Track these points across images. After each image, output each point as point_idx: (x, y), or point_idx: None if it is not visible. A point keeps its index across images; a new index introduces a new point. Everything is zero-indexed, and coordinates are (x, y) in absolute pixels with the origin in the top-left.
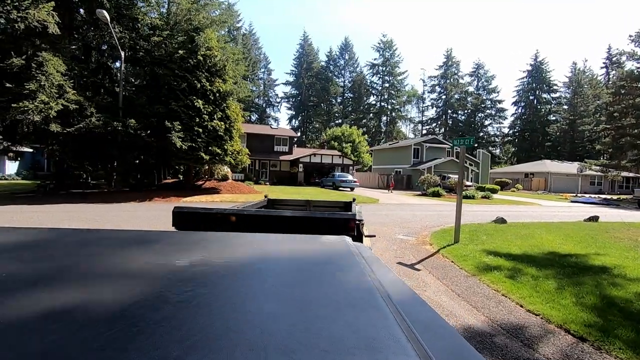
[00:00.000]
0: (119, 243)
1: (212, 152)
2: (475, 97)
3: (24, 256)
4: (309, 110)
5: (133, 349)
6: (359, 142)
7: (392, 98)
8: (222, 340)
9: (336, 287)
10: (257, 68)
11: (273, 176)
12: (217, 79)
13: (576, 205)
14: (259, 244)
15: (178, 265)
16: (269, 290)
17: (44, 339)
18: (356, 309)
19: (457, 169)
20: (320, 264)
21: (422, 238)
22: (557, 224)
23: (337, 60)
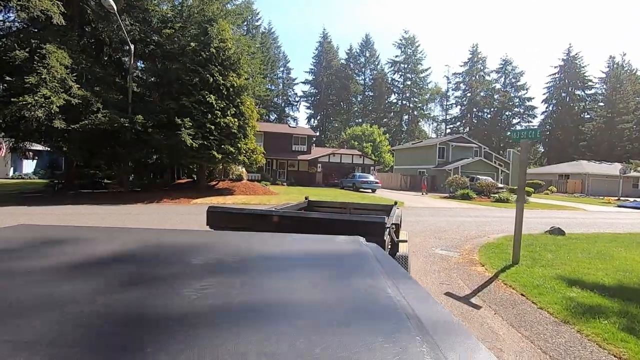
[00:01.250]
0: (133, 241)
1: (224, 150)
2: (502, 95)
3: (51, 253)
4: (328, 110)
5: (150, 346)
6: (379, 142)
7: (414, 96)
8: (237, 339)
9: (346, 288)
10: (276, 67)
11: (291, 176)
12: (230, 73)
13: (626, 210)
14: (273, 244)
15: (195, 263)
16: (280, 291)
17: (63, 335)
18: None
19: (486, 169)
20: (331, 264)
21: (467, 254)
22: (628, 236)
23: (357, 58)
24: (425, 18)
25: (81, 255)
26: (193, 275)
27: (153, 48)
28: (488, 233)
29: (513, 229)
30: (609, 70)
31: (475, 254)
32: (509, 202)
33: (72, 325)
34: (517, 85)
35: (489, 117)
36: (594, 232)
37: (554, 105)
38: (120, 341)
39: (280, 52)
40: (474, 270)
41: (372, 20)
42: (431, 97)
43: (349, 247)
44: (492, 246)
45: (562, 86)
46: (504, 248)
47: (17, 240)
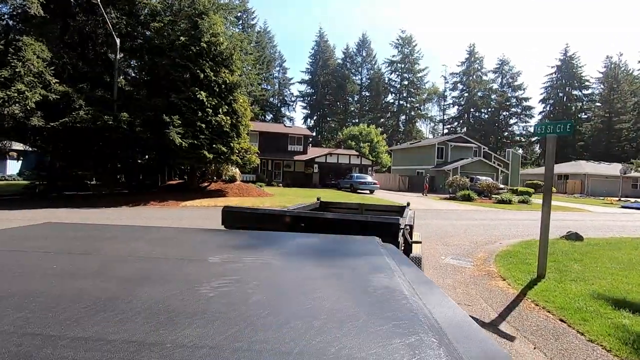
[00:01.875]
0: (153, 240)
1: (216, 150)
2: (499, 95)
3: (75, 249)
4: (324, 109)
5: (169, 342)
6: (377, 142)
7: (411, 96)
8: (253, 337)
9: (363, 288)
10: (272, 67)
11: (287, 177)
12: (222, 69)
13: (632, 212)
14: (289, 243)
15: (211, 261)
16: (296, 290)
17: (87, 329)
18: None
19: (485, 170)
20: (347, 264)
21: (482, 264)
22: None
23: (354, 58)
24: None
25: (102, 252)
26: (210, 273)
27: (141, 43)
28: (499, 238)
29: (524, 233)
30: (605, 70)
31: (492, 265)
32: (511, 204)
33: (92, 320)
34: (514, 85)
35: (486, 118)
36: (612, 237)
37: (551, 106)
38: (139, 337)
39: (276, 52)
40: (495, 285)
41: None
42: (428, 97)
43: (366, 247)
44: (508, 255)
45: (559, 86)
46: (523, 257)
47: (43, 237)
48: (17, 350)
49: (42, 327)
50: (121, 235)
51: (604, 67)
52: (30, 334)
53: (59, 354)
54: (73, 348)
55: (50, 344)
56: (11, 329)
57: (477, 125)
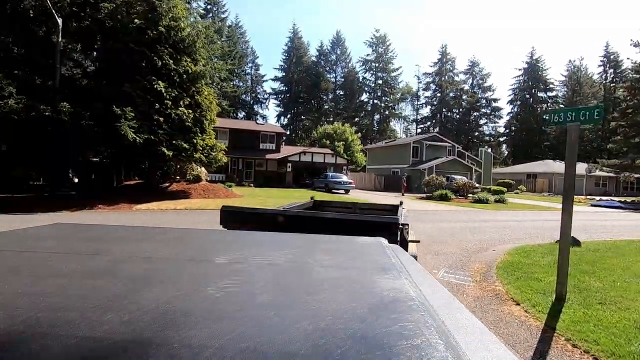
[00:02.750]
0: (160, 240)
1: (177, 146)
2: (470, 96)
3: (84, 250)
4: (298, 107)
5: (176, 342)
6: (352, 141)
7: (385, 95)
8: (259, 338)
9: (369, 289)
10: (244, 63)
11: (259, 177)
12: (184, 58)
13: (603, 210)
14: (295, 244)
15: (218, 262)
16: (302, 291)
17: (96, 328)
18: (389, 313)
19: (459, 169)
20: (353, 265)
21: (483, 280)
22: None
23: (328, 55)
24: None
25: (110, 253)
26: (216, 273)
27: (89, 25)
28: (490, 244)
29: (513, 237)
30: (568, 73)
31: (496, 281)
32: (488, 203)
33: (100, 320)
34: (484, 86)
35: (457, 118)
36: (606, 240)
37: (519, 107)
38: (147, 336)
39: (248, 47)
40: (509, 313)
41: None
42: (402, 96)
43: (372, 248)
44: (510, 267)
45: (525, 88)
46: (528, 271)
47: (52, 238)
48: (27, 349)
49: (51, 327)
50: (128, 236)
51: (566, 70)
52: (40, 334)
53: (68, 353)
54: (82, 347)
55: (59, 343)
56: (22, 328)
57: (449, 125)
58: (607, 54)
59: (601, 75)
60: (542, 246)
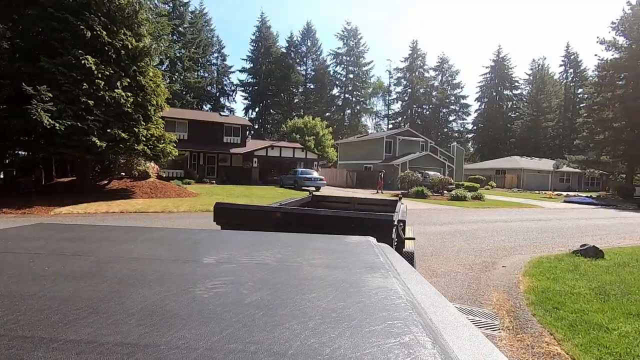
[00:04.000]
0: (146, 240)
1: (112, 136)
2: (440, 92)
3: (68, 250)
4: (267, 100)
5: (163, 344)
6: (323, 135)
7: (356, 90)
8: (247, 338)
9: (357, 288)
10: (209, 52)
11: (222, 173)
12: (123, 30)
13: (579, 207)
14: (284, 243)
15: (206, 262)
16: (291, 291)
17: (80, 331)
18: (378, 311)
19: (433, 164)
20: (342, 264)
21: (520, 329)
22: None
23: (298, 47)
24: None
25: (95, 253)
26: (204, 274)
27: None
28: (493, 255)
29: (515, 244)
30: (532, 72)
31: (540, 329)
32: (466, 201)
33: (84, 322)
34: (453, 83)
35: (427, 114)
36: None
37: (486, 104)
38: (133, 339)
39: (214, 36)
40: None
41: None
42: (374, 91)
43: (361, 247)
44: (544, 299)
45: (492, 86)
46: (573, 305)
47: (35, 238)
48: (7, 353)
49: (33, 330)
50: (114, 236)
51: (530, 69)
52: (22, 337)
53: (51, 356)
54: (65, 351)
55: (42, 346)
56: (2, 331)
57: (420, 121)
58: (567, 54)
59: (562, 74)
60: (559, 259)
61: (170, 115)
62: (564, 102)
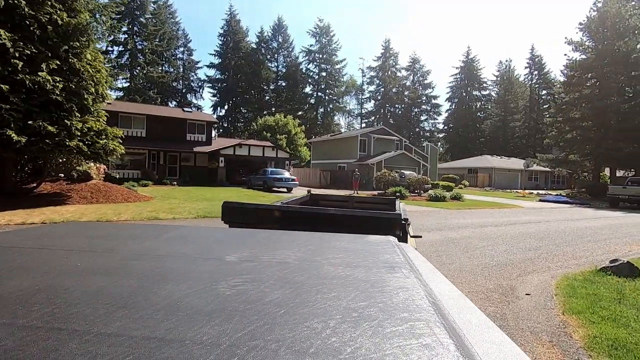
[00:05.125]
0: (171, 238)
1: (36, 129)
2: (412, 92)
3: (97, 248)
4: (237, 98)
5: (188, 339)
6: (295, 134)
7: (329, 88)
8: (269, 335)
9: (380, 288)
10: (174, 45)
11: (185, 173)
12: (51, 2)
13: (558, 207)
14: (305, 242)
15: (228, 260)
16: (312, 290)
17: (110, 324)
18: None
19: (408, 164)
20: (364, 264)
21: None
22: None
23: (269, 43)
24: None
25: (122, 250)
26: (227, 271)
27: None
28: (504, 274)
29: (519, 255)
30: (499, 73)
31: None
32: (446, 201)
33: (114, 316)
34: (424, 83)
35: (400, 113)
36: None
37: (456, 104)
38: (160, 333)
39: (180, 29)
40: None
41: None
42: (347, 90)
43: (382, 246)
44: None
45: (462, 86)
46: None
47: (67, 236)
48: (44, 344)
49: (68, 322)
50: (140, 234)
51: (497, 71)
52: (57, 329)
53: (84, 348)
54: (97, 343)
55: (75, 338)
56: (39, 323)
57: (392, 120)
58: (532, 57)
59: (527, 76)
60: (590, 280)
61: (126, 110)
62: (529, 103)
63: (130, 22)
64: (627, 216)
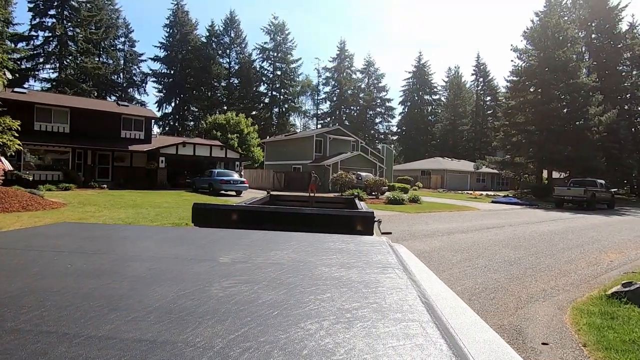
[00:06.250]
0: (164, 239)
1: None
2: (367, 94)
3: (88, 249)
4: (185, 94)
5: (180, 341)
6: (248, 133)
7: (284, 87)
8: (262, 337)
9: (373, 289)
10: (112, 35)
11: (119, 175)
12: None
13: (510, 208)
14: (298, 243)
15: (221, 261)
16: (306, 291)
17: (101, 327)
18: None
19: (365, 165)
20: (357, 265)
21: None
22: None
23: (220, 37)
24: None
25: (114, 252)
26: (220, 273)
27: None
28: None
29: (503, 271)
30: (448, 79)
31: None
32: (405, 204)
33: (105, 318)
34: (379, 86)
35: (355, 115)
36: None
37: (409, 107)
38: (151, 336)
39: (120, 18)
40: None
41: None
42: (302, 89)
43: (375, 247)
44: None
45: (414, 90)
46: None
47: (58, 236)
48: (33, 347)
49: (57, 325)
50: (132, 235)
51: (447, 76)
52: (46, 332)
53: (74, 351)
54: (87, 346)
55: (65, 341)
56: (28, 326)
57: (348, 122)
58: (478, 64)
59: (473, 82)
60: (611, 315)
61: (44, 101)
62: (476, 108)
63: (59, 4)
64: (577, 217)
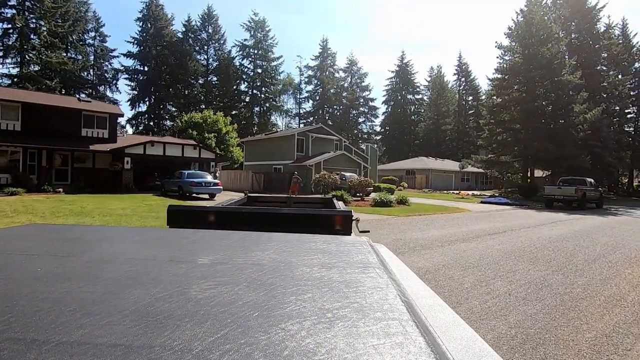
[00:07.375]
0: (141, 241)
1: None
2: (350, 93)
3: (60, 251)
4: (160, 92)
5: (158, 345)
6: (226, 133)
7: (265, 86)
8: (243, 339)
9: (353, 288)
10: (81, 28)
11: (80, 177)
12: None
13: (501, 208)
14: (279, 243)
15: (201, 263)
16: (287, 291)
17: (72, 332)
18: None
19: (349, 165)
20: (337, 264)
21: None
22: None
23: (198, 33)
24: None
25: (88, 254)
26: (199, 274)
27: None
28: None
29: (537, 302)
30: (431, 78)
31: None
32: (392, 206)
33: (77, 323)
34: (362, 85)
35: (338, 114)
36: None
37: (392, 107)
38: (127, 340)
39: (89, 11)
40: None
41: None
42: (284, 88)
43: (356, 247)
44: None
45: (397, 89)
46: None
47: (27, 239)
48: None
49: (25, 332)
50: (108, 237)
51: (429, 76)
52: (13, 339)
53: (43, 358)
54: (58, 353)
55: (34, 348)
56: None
57: (331, 121)
58: (460, 64)
59: (456, 82)
60: None
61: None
62: (458, 107)
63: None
64: (574, 219)
